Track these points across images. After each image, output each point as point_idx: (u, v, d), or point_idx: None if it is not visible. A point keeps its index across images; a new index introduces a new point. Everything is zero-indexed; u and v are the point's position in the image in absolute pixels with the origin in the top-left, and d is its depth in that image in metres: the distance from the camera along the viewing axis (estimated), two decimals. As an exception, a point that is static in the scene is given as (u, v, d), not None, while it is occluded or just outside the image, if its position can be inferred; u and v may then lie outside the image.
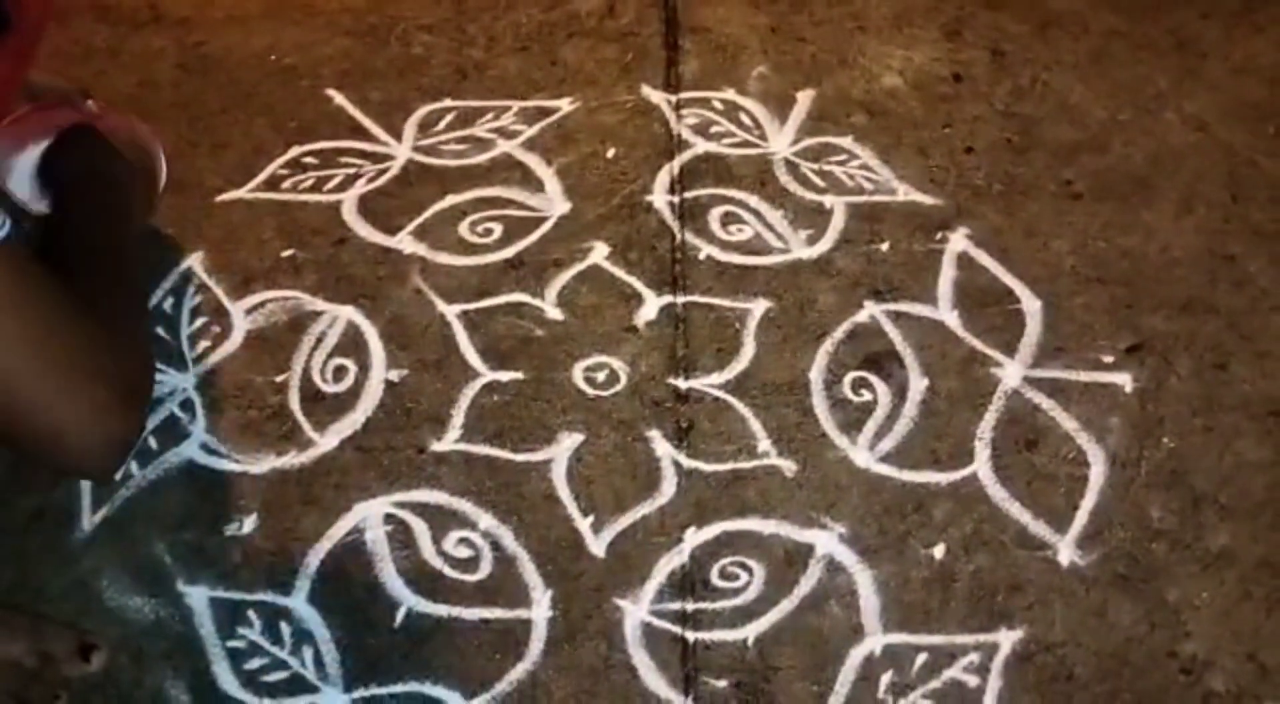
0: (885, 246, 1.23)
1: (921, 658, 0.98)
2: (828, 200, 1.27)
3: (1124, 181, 1.30)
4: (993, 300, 1.20)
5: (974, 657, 0.99)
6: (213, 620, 1.00)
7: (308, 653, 0.98)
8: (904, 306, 1.19)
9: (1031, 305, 1.19)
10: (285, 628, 0.99)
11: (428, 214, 1.26)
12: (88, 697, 0.96)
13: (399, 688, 0.97)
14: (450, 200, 1.27)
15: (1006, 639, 0.99)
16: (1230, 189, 1.30)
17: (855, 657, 0.98)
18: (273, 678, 0.97)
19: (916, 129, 1.34)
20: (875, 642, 0.99)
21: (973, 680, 0.97)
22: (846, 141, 1.32)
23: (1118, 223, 1.26)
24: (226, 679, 0.97)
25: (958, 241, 1.24)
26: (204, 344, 1.15)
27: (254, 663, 0.98)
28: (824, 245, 1.24)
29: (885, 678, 0.97)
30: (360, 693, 0.96)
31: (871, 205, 1.27)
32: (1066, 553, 1.04)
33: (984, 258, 1.23)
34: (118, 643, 0.98)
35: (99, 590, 1.01)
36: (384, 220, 1.26)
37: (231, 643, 0.99)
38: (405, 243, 1.24)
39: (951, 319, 1.18)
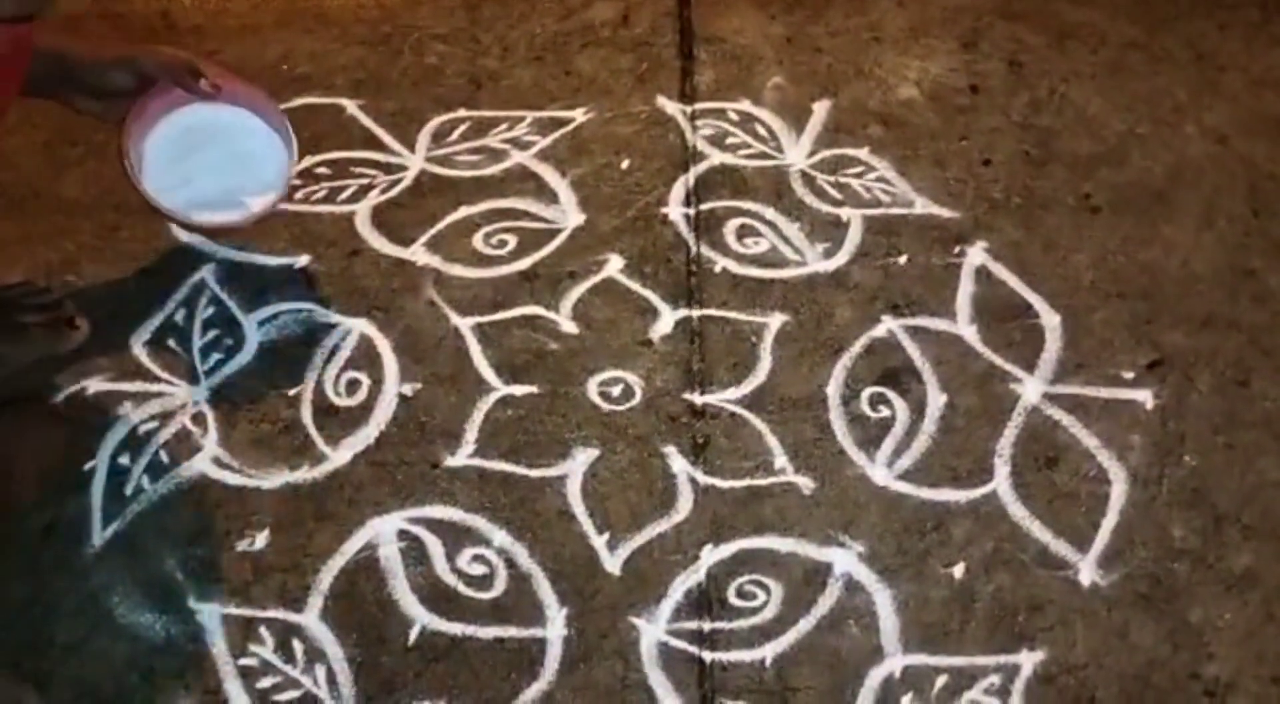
0: (903, 260, 1.22)
1: (942, 680, 0.97)
2: (844, 213, 1.26)
3: (1143, 195, 1.29)
4: (1011, 315, 1.19)
5: (995, 679, 0.97)
6: (224, 638, 0.99)
7: (320, 671, 0.97)
8: (922, 321, 1.18)
9: (1051, 320, 1.18)
10: (298, 646, 0.98)
11: (441, 225, 1.25)
12: (99, 715, 0.95)
13: (410, 708, 0.96)
14: (464, 211, 1.26)
15: (1028, 660, 0.98)
16: (1251, 203, 1.28)
17: (875, 678, 0.97)
18: (285, 697, 0.96)
19: (934, 141, 1.33)
20: (895, 663, 0.98)
21: (994, 703, 0.96)
22: (863, 153, 1.31)
23: (1137, 237, 1.25)
24: (238, 698, 0.96)
25: (976, 255, 1.23)
26: (216, 356, 1.14)
27: (266, 681, 0.97)
28: (841, 258, 1.23)
29: (905, 700, 0.96)
30: (373, 713, 0.96)
31: (889, 218, 1.26)
32: (1088, 573, 1.03)
33: (1003, 272, 1.22)
34: (128, 661, 0.97)
35: (110, 607, 1.00)
36: (397, 232, 1.25)
37: (243, 661, 0.98)
38: (419, 254, 1.23)
39: (970, 334, 1.17)
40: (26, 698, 0.93)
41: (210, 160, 1.12)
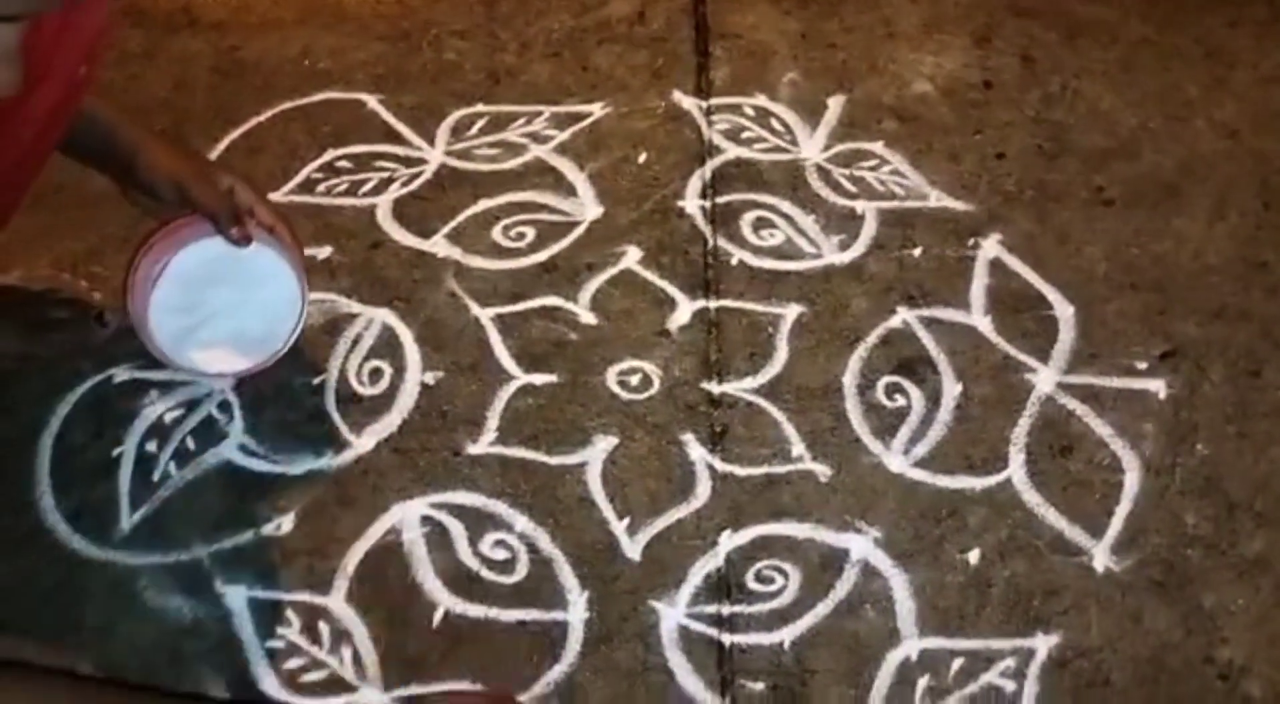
0: (918, 252, 1.24)
1: (958, 663, 0.99)
2: (859, 206, 1.28)
3: (1155, 189, 1.30)
4: (1026, 306, 1.20)
5: (1010, 662, 0.99)
6: (251, 620, 1.00)
7: (346, 652, 0.99)
8: (937, 312, 1.19)
9: (1064, 311, 1.19)
10: (324, 628, 1.00)
11: (461, 218, 1.27)
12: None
13: (437, 688, 0.97)
14: (483, 205, 1.28)
15: (1043, 644, 0.99)
16: (1262, 197, 1.30)
17: (892, 661, 0.99)
18: (312, 677, 0.97)
19: (948, 135, 1.34)
20: (912, 646, 0.99)
21: (1009, 686, 0.97)
22: (878, 147, 1.33)
23: (1149, 229, 1.27)
24: (266, 678, 0.97)
25: (990, 247, 1.24)
26: (241, 346, 1.16)
27: (293, 662, 0.98)
28: (856, 250, 1.24)
29: (922, 683, 0.98)
30: (399, 692, 0.97)
31: (903, 211, 1.27)
32: (1102, 559, 1.04)
33: (1016, 264, 1.23)
34: (157, 642, 0.99)
35: (138, 590, 1.02)
36: (418, 224, 1.26)
37: (270, 643, 0.99)
38: (439, 246, 1.25)
39: (984, 325, 1.19)
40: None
41: (222, 297, 1.08)
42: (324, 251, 1.24)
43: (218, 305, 1.08)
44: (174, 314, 1.07)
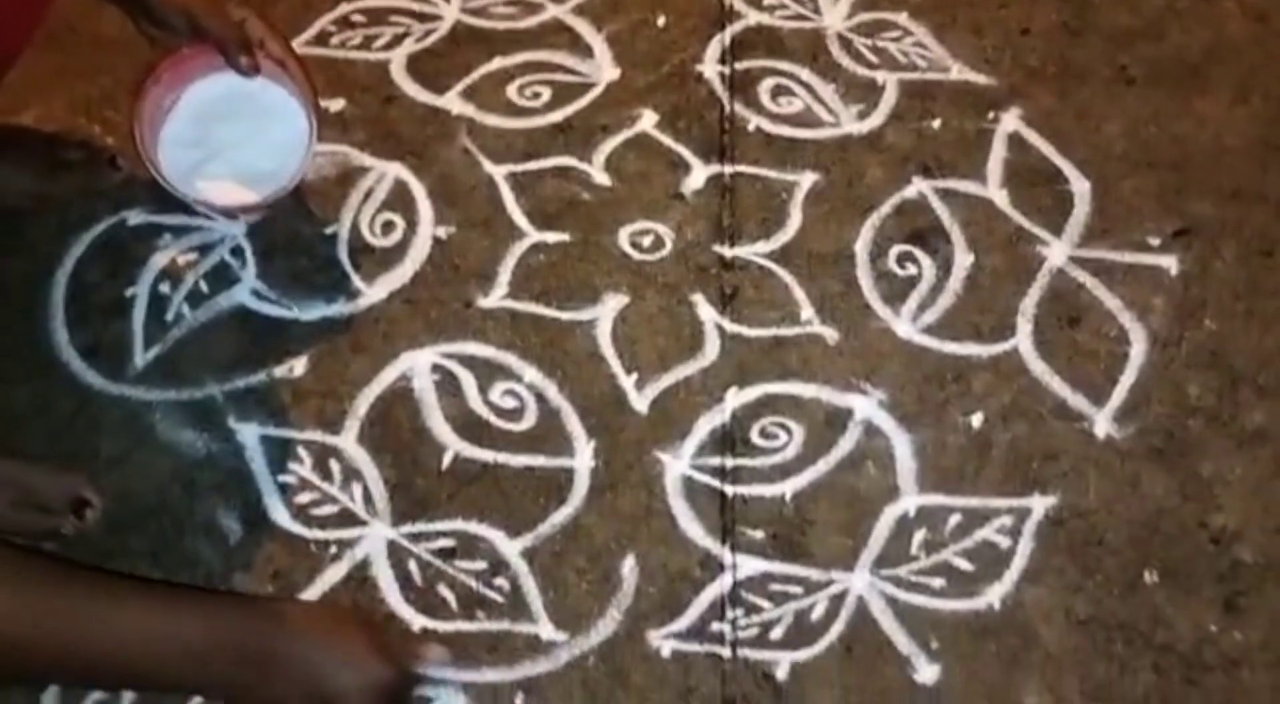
0: (936, 124, 1.23)
1: (955, 518, 1.01)
2: (880, 76, 1.26)
3: (1179, 69, 1.28)
4: (1042, 180, 1.19)
5: (1006, 519, 1.01)
6: (264, 456, 1.02)
7: (357, 489, 1.01)
8: (953, 184, 1.19)
9: (1080, 186, 1.19)
10: (335, 465, 1.02)
11: (476, 75, 1.25)
12: (143, 521, 0.99)
13: (445, 525, 0.99)
14: (498, 63, 1.27)
15: (1039, 504, 1.01)
16: (1287, 81, 1.28)
17: (890, 515, 1.01)
18: (322, 511, 1.00)
19: (972, 8, 1.32)
20: (910, 502, 1.01)
21: (1004, 542, 1.00)
22: (901, 18, 1.30)
23: (1170, 110, 1.25)
24: (277, 511, 1.00)
25: (1009, 122, 1.23)
26: (254, 193, 1.16)
27: (304, 497, 1.00)
28: (875, 121, 1.23)
29: (918, 535, 1.00)
30: (408, 528, 0.99)
31: (924, 83, 1.26)
32: (1103, 425, 1.05)
33: (1035, 138, 1.22)
34: (171, 474, 1.01)
35: (151, 424, 1.04)
36: (432, 80, 1.25)
37: (282, 477, 1.01)
38: (453, 103, 1.23)
39: (1000, 197, 1.18)
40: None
41: (232, 132, 1.07)
42: (337, 104, 1.22)
43: (227, 140, 1.07)
44: (183, 148, 1.06)
